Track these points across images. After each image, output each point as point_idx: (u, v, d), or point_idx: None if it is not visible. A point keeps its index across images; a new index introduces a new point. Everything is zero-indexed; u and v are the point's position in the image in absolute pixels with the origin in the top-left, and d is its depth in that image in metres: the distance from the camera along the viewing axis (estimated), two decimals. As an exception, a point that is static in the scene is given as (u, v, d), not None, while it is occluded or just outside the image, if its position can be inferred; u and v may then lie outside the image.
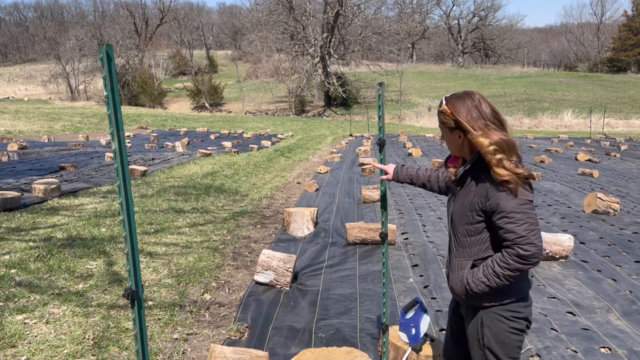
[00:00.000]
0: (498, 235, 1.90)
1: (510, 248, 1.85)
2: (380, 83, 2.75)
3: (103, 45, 1.69)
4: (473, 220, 1.93)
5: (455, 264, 2.04)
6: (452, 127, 1.91)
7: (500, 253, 1.90)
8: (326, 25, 45.97)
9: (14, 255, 5.08)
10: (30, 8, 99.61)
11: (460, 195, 1.99)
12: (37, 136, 22.36)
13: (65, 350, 3.28)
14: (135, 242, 1.93)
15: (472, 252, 1.99)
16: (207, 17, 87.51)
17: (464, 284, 1.99)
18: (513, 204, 1.83)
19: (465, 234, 1.97)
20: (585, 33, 77.16)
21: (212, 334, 3.68)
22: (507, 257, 1.86)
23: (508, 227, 1.84)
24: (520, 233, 1.82)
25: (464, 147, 1.93)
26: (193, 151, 16.62)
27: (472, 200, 1.91)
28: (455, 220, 2.02)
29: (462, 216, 1.96)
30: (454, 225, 2.04)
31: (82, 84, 56.13)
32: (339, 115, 44.70)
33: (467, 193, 1.95)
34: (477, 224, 1.94)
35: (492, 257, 1.92)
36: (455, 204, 2.02)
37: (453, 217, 2.03)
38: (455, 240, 2.03)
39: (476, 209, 1.90)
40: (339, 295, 4.36)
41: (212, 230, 6.50)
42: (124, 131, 1.83)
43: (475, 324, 2.02)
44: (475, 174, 1.92)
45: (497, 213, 1.85)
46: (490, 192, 1.85)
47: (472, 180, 1.94)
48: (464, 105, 1.87)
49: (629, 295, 4.35)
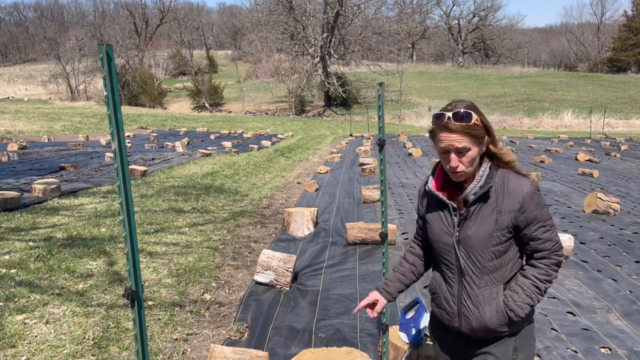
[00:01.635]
0: (526, 247, 1.75)
1: (546, 258, 1.73)
2: (380, 83, 2.75)
3: (103, 45, 1.69)
4: (502, 239, 1.71)
5: (483, 296, 1.75)
6: (481, 139, 1.68)
7: (533, 267, 1.75)
8: (326, 25, 45.98)
9: (14, 255, 5.08)
10: (30, 8, 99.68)
11: (475, 217, 1.72)
12: (37, 136, 22.36)
13: (65, 350, 3.28)
14: (135, 242, 1.93)
15: (503, 275, 1.76)
16: (207, 17, 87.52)
17: (504, 313, 1.73)
18: (546, 211, 1.71)
19: (491, 257, 1.72)
20: (585, 33, 77.17)
21: (212, 334, 3.68)
22: (547, 268, 1.73)
23: (546, 236, 1.71)
24: (556, 239, 1.72)
25: (477, 160, 1.72)
26: (193, 151, 16.62)
27: (499, 219, 1.69)
28: (473, 246, 1.73)
29: (486, 239, 1.70)
30: (470, 253, 1.74)
31: (82, 84, 56.14)
32: (339, 115, 44.71)
33: (486, 212, 1.71)
34: (505, 242, 1.72)
35: (526, 273, 1.75)
36: (467, 229, 1.73)
37: (468, 243, 1.73)
38: (475, 269, 1.74)
39: (508, 225, 1.69)
40: (339, 295, 4.36)
41: (212, 230, 6.50)
42: (124, 131, 1.83)
43: (504, 355, 1.78)
44: (490, 189, 1.72)
45: (534, 224, 1.69)
46: (525, 204, 1.67)
47: (488, 197, 1.71)
48: (479, 111, 1.68)
49: (629, 295, 4.35)
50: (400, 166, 13.75)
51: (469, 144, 1.64)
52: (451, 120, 1.62)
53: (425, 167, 13.50)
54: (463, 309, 1.79)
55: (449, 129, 1.63)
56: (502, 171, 1.74)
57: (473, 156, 1.67)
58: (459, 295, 1.80)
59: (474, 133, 1.64)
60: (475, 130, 1.64)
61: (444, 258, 1.81)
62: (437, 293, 1.88)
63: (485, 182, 1.71)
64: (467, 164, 1.67)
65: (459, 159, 1.66)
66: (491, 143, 1.70)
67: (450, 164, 1.67)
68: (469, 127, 1.62)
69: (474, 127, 1.63)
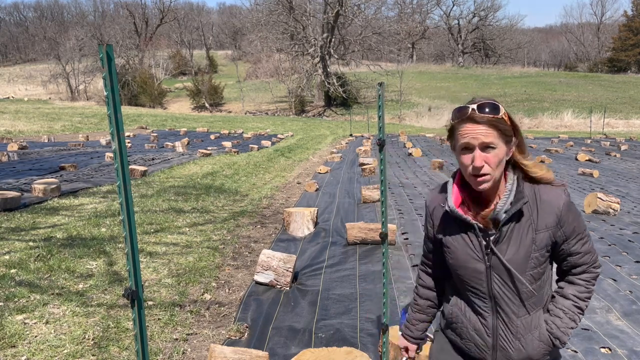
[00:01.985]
0: (564, 262, 1.58)
1: (586, 272, 1.56)
2: (380, 83, 2.75)
3: (103, 45, 1.69)
4: (541, 260, 1.52)
5: (523, 325, 1.55)
6: (510, 138, 1.46)
7: (572, 284, 1.59)
8: (326, 25, 45.99)
9: (14, 255, 5.08)
10: (30, 8, 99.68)
11: (509, 239, 1.50)
12: (37, 136, 22.36)
13: (65, 350, 3.28)
14: (135, 242, 1.93)
15: (541, 298, 1.57)
16: (207, 17, 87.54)
17: (548, 342, 1.57)
18: (582, 221, 1.54)
19: (530, 281, 1.52)
20: (585, 33, 77.18)
21: (212, 334, 3.68)
22: (588, 284, 1.57)
23: (585, 249, 1.54)
24: (594, 251, 1.56)
25: (503, 167, 1.48)
26: (193, 151, 16.62)
27: (537, 238, 1.49)
28: (511, 271, 1.51)
29: (524, 262, 1.49)
30: (506, 279, 1.52)
31: (82, 84, 56.15)
32: (339, 115, 44.71)
33: (521, 232, 1.49)
34: (544, 263, 1.54)
35: (565, 292, 1.58)
36: (502, 253, 1.50)
37: (506, 268, 1.51)
38: (513, 297, 1.53)
39: (547, 244, 1.50)
40: (339, 295, 4.36)
41: (212, 230, 6.50)
42: (124, 131, 1.83)
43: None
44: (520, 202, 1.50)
45: (573, 238, 1.52)
46: (563, 218, 1.49)
47: (522, 214, 1.49)
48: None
49: (629, 295, 4.35)
50: (400, 166, 13.75)
51: (496, 140, 1.42)
52: (476, 112, 1.41)
53: (425, 167, 13.50)
54: (500, 341, 1.57)
55: (474, 120, 1.41)
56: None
57: (500, 157, 1.43)
58: (494, 326, 1.57)
59: (502, 128, 1.43)
60: (503, 124, 1.43)
61: (472, 286, 1.57)
62: (460, 323, 1.64)
63: (516, 197, 1.48)
64: (494, 165, 1.42)
65: (484, 157, 1.42)
66: (518, 148, 1.50)
67: (474, 163, 1.42)
68: (496, 120, 1.41)
69: (502, 121, 1.42)
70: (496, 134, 1.42)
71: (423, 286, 1.81)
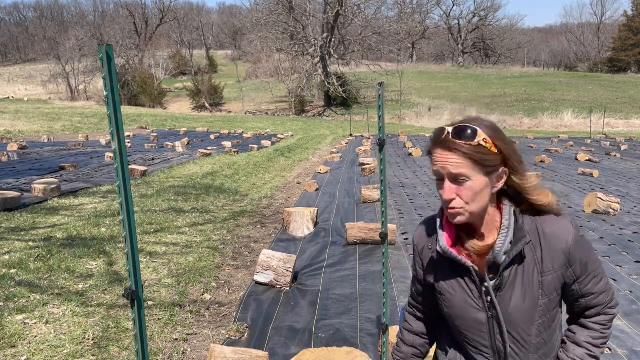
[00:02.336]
0: (575, 304, 1.36)
1: (601, 314, 1.35)
2: (380, 83, 2.75)
3: (103, 45, 1.69)
4: (550, 306, 1.31)
5: None
6: (491, 168, 1.23)
7: (585, 328, 1.37)
8: (326, 25, 45.99)
9: (14, 255, 5.08)
10: (30, 8, 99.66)
11: (513, 285, 1.29)
12: (37, 136, 22.36)
13: (65, 351, 3.28)
14: (135, 242, 1.93)
15: (552, 348, 1.37)
16: (207, 17, 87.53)
17: None
18: (595, 256, 1.32)
19: (539, 331, 1.31)
20: (585, 33, 77.18)
21: (212, 334, 3.67)
22: (603, 328, 1.35)
23: (599, 288, 1.32)
24: (609, 289, 1.34)
25: (492, 200, 1.28)
26: (193, 151, 16.61)
27: (544, 281, 1.28)
28: (515, 322, 1.30)
29: (532, 311, 1.29)
30: (512, 331, 1.32)
31: (82, 84, 56.14)
32: (339, 115, 44.70)
33: (526, 276, 1.28)
34: (554, 309, 1.33)
35: (578, 339, 1.36)
36: (505, 302, 1.30)
37: (509, 319, 1.30)
38: (520, 350, 1.33)
39: (556, 287, 1.29)
40: (339, 296, 4.36)
41: (212, 230, 6.50)
42: (123, 131, 1.83)
43: None
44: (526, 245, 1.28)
45: (585, 277, 1.30)
46: (572, 255, 1.27)
47: (523, 254, 1.28)
48: (497, 132, 1.25)
49: (629, 295, 4.34)
50: (400, 166, 13.75)
51: (469, 171, 1.20)
52: (449, 137, 1.22)
53: (425, 167, 13.49)
54: None
55: (446, 146, 1.22)
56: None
57: (476, 189, 1.22)
58: None
59: (479, 158, 1.20)
60: (481, 154, 1.20)
61: (472, 339, 1.36)
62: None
63: (517, 235, 1.26)
64: (467, 199, 1.23)
65: (455, 189, 1.23)
66: (513, 173, 1.25)
67: (443, 195, 1.24)
68: (471, 149, 1.20)
69: (480, 150, 1.20)
70: (469, 164, 1.20)
71: (410, 331, 1.56)
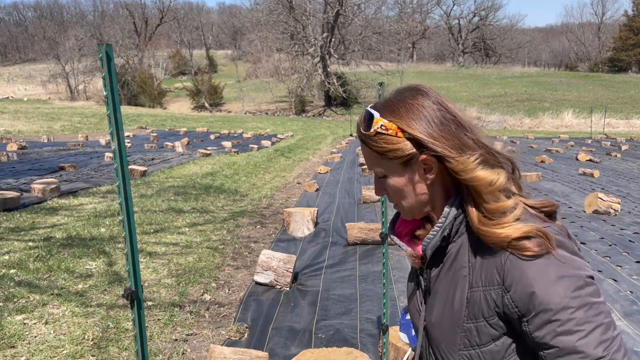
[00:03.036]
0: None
1: None
2: (381, 83, 2.75)
3: (103, 45, 1.68)
4: (482, 339, 0.92)
5: None
6: (401, 160, 0.95)
7: None
8: (326, 25, 45.99)
9: (14, 255, 5.07)
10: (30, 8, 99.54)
11: (436, 291, 1.00)
12: (37, 136, 22.35)
13: (65, 351, 3.27)
14: (134, 242, 1.92)
15: None
16: (207, 17, 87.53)
17: None
18: (561, 291, 0.84)
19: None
20: (585, 33, 77.18)
21: (211, 335, 3.67)
22: None
23: (563, 343, 0.83)
24: (591, 353, 0.83)
25: (434, 193, 0.98)
26: (193, 151, 16.61)
27: (473, 299, 0.92)
28: (436, 340, 1.00)
29: (453, 332, 0.96)
30: (434, 351, 1.02)
31: (82, 84, 56.14)
32: (339, 115, 44.71)
33: (450, 284, 0.97)
34: (491, 349, 0.93)
35: None
36: (430, 310, 1.02)
37: (431, 334, 1.02)
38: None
39: (485, 313, 0.91)
40: (339, 296, 4.35)
41: (211, 230, 6.49)
42: (123, 131, 1.82)
43: None
44: (452, 240, 0.98)
45: (534, 316, 0.85)
46: (507, 272, 0.88)
47: (457, 254, 0.97)
48: (410, 107, 0.95)
49: (629, 295, 4.34)
50: (400, 166, 13.73)
51: (379, 167, 0.99)
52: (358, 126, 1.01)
53: (425, 167, 13.48)
54: None
55: (359, 138, 1.01)
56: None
57: (397, 186, 0.98)
58: None
59: (381, 149, 0.95)
60: (384, 144, 0.95)
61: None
62: None
63: (449, 228, 0.96)
64: (395, 196, 1.01)
65: (384, 185, 1.01)
66: (444, 160, 0.92)
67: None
68: (372, 140, 0.96)
69: (381, 139, 0.95)
70: (377, 157, 0.97)
71: None
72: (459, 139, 0.93)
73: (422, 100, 0.95)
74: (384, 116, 0.95)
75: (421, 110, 0.94)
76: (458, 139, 0.93)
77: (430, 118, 0.93)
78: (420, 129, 0.92)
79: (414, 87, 0.98)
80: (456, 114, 0.95)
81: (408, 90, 0.98)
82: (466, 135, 0.94)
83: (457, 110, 0.96)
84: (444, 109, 0.95)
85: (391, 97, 0.98)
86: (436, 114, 0.93)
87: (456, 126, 0.94)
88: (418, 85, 0.99)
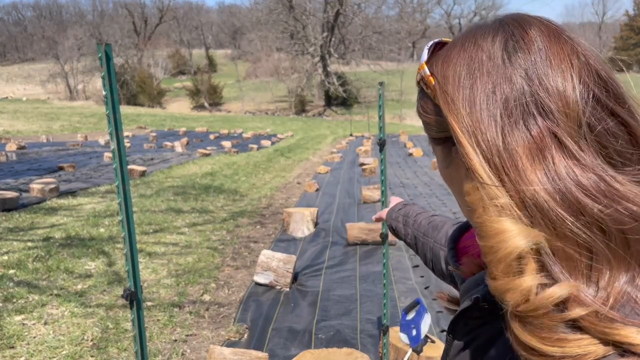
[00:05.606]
0: None
1: None
2: (381, 82, 2.74)
3: (102, 45, 1.67)
4: None
5: None
6: (437, 130, 0.58)
7: None
8: (326, 25, 46.00)
9: (13, 255, 5.06)
10: (29, 7, 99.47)
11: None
12: (36, 136, 22.33)
13: (64, 351, 3.26)
14: (134, 243, 1.91)
15: None
16: (207, 17, 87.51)
17: None
18: None
19: None
20: (586, 32, 77.27)
21: (211, 335, 3.66)
22: None
23: None
24: None
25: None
26: (192, 151, 16.60)
27: None
28: None
29: None
30: None
31: (81, 84, 56.13)
32: (339, 115, 44.72)
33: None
34: None
35: None
36: None
37: None
38: None
39: None
40: (339, 296, 4.35)
41: (211, 231, 6.48)
42: (122, 131, 1.81)
43: None
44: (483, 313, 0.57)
45: None
46: None
47: (476, 333, 0.57)
48: (461, 50, 0.55)
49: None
50: (400, 166, 13.73)
51: (425, 129, 0.62)
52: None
53: (426, 167, 13.48)
54: None
55: None
56: None
57: (439, 164, 0.63)
58: None
59: (419, 106, 0.60)
60: (420, 98, 0.60)
61: None
62: None
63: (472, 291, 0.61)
64: (447, 181, 0.63)
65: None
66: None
67: None
68: (420, 83, 0.59)
69: (421, 91, 0.60)
70: (423, 117, 0.61)
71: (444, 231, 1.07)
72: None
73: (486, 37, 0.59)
74: (431, 57, 0.56)
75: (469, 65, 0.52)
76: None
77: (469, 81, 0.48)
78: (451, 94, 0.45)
79: (504, 19, 0.62)
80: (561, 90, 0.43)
81: (490, 22, 0.63)
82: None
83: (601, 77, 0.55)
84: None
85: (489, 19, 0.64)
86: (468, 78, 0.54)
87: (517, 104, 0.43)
88: (516, 15, 0.60)
